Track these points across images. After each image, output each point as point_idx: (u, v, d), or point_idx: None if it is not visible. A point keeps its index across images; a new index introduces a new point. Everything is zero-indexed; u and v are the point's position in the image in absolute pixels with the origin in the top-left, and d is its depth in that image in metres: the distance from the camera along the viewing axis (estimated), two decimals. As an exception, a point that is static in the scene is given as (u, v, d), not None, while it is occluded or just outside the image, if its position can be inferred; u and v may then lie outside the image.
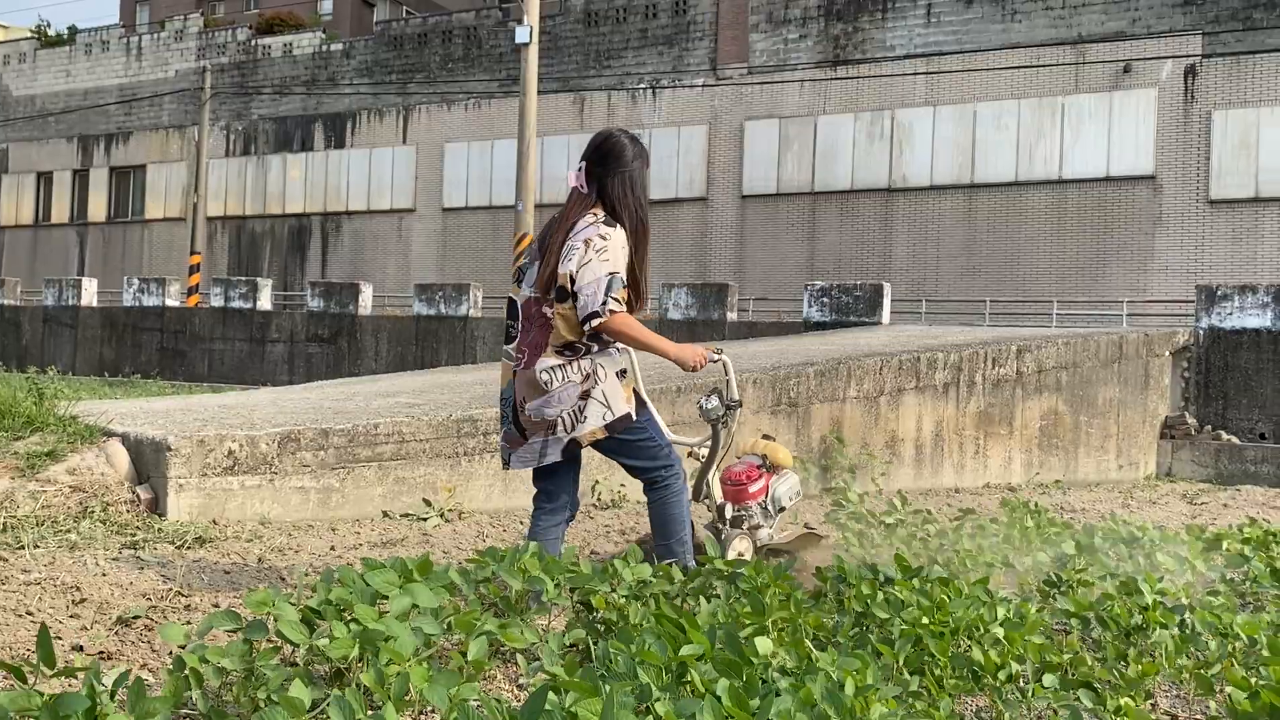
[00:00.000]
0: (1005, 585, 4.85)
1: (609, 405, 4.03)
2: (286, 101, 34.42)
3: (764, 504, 4.92)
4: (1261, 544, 6.37)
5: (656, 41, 28.59)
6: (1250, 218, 21.94)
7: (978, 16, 24.65)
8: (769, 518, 4.96)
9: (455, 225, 31.20)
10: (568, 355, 4.02)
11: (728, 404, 4.62)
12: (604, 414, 4.03)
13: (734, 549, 4.74)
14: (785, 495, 5.04)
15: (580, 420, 4.01)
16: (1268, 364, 14.15)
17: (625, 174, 4.10)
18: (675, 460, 4.25)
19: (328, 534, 5.81)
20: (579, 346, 4.02)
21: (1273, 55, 21.79)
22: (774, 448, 5.13)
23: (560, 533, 4.25)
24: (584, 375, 4.01)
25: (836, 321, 17.01)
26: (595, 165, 4.10)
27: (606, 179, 4.08)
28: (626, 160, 4.10)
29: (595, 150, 4.14)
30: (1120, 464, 12.63)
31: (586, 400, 4.02)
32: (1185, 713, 3.41)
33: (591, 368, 4.03)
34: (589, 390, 4.02)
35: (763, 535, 4.93)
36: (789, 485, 5.07)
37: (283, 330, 22.70)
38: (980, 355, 10.72)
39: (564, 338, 4.02)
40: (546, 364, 4.01)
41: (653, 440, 4.18)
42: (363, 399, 7.77)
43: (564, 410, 4.01)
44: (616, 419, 4.05)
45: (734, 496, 4.87)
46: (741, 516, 4.86)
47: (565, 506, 4.23)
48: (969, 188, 24.53)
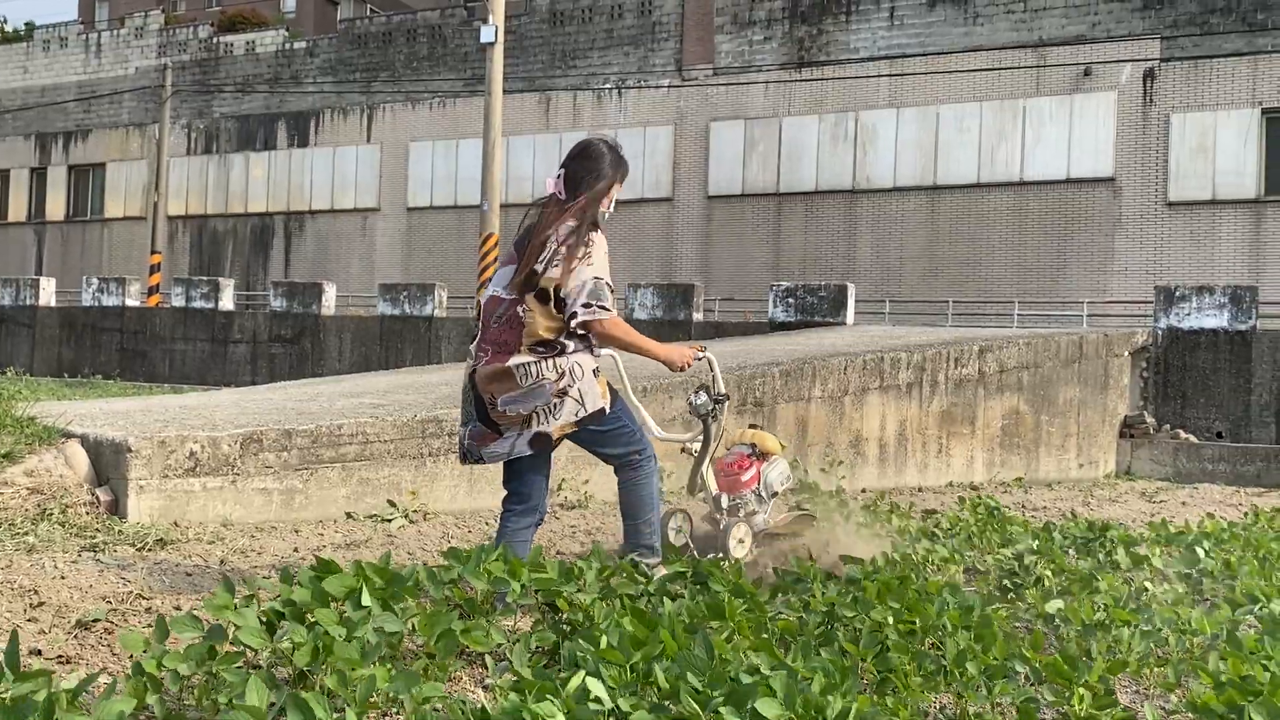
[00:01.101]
0: (968, 583, 4.89)
1: (583, 403, 4.09)
2: (249, 100, 34.12)
3: (758, 491, 5.10)
4: (1218, 541, 6.46)
5: (622, 42, 28.59)
6: (1208, 220, 22.25)
7: (940, 19, 24.84)
8: (763, 503, 5.14)
9: (420, 225, 31.05)
10: (541, 352, 4.06)
11: (715, 399, 4.81)
12: (577, 410, 4.09)
13: (734, 536, 4.89)
14: (777, 480, 5.21)
15: (554, 415, 4.07)
16: (1224, 364, 14.35)
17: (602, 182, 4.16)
18: (647, 443, 4.33)
19: (291, 536, 5.75)
20: (556, 345, 4.06)
21: (1229, 60, 22.12)
22: (762, 436, 5.29)
23: (530, 535, 4.27)
24: (559, 374, 4.05)
25: (802, 322, 17.08)
26: (575, 171, 4.15)
27: (584, 184, 4.14)
28: (604, 169, 4.17)
29: (574, 158, 4.20)
30: (1080, 463, 12.77)
31: (563, 398, 4.07)
32: (1146, 708, 3.45)
33: (569, 365, 4.07)
34: (565, 389, 4.07)
35: (759, 521, 5.10)
36: (779, 471, 5.24)
37: (245, 330, 22.50)
38: (943, 355, 10.80)
39: (539, 336, 4.05)
40: (520, 360, 4.05)
41: (625, 426, 4.25)
42: (326, 399, 7.71)
43: (539, 405, 4.06)
44: (589, 414, 4.11)
45: (728, 486, 5.03)
46: (738, 505, 5.03)
47: (535, 509, 4.27)
48: (932, 189, 24.72)
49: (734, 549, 4.87)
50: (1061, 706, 3.14)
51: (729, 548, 4.86)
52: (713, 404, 4.80)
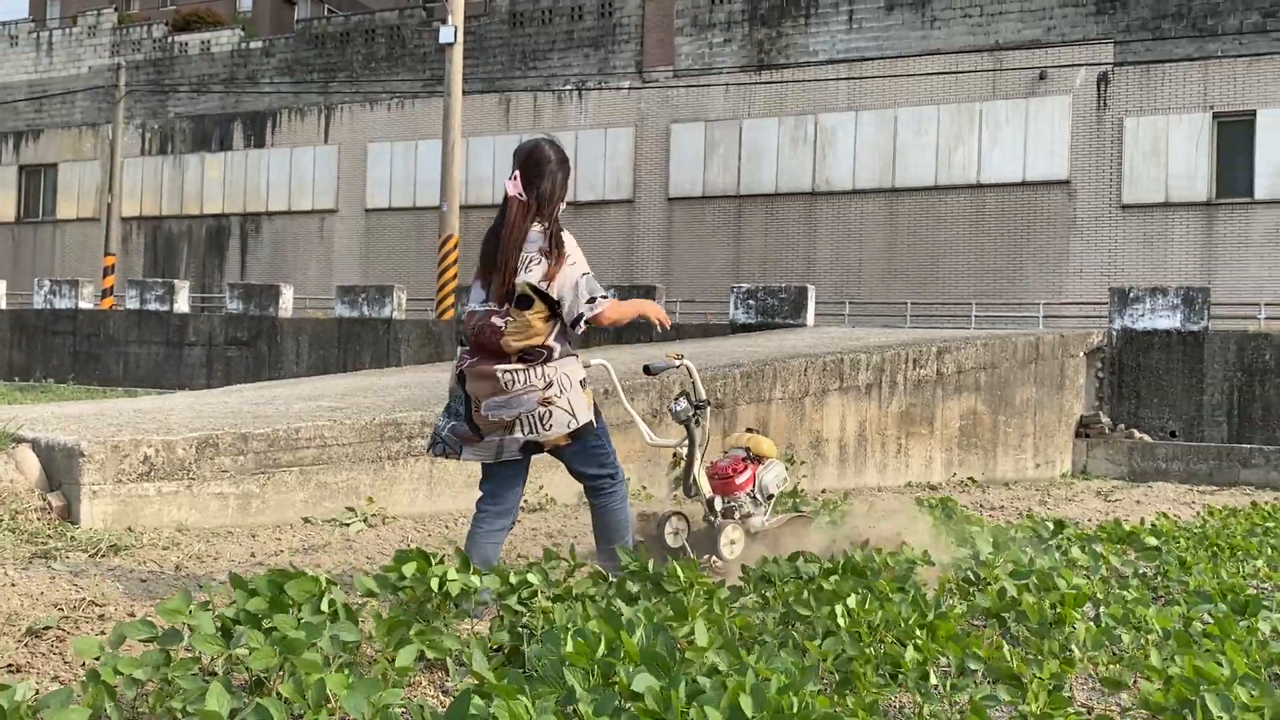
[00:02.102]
0: (926, 582, 4.93)
1: (574, 414, 4.16)
2: (204, 100, 33.75)
3: (752, 493, 5.23)
4: (1172, 538, 6.56)
5: (582, 43, 28.57)
6: (1161, 222, 22.59)
7: (898, 23, 25.04)
8: (759, 506, 5.26)
9: (379, 226, 30.85)
10: (528, 360, 4.11)
11: (696, 404, 4.94)
12: (569, 421, 4.15)
13: (726, 538, 4.99)
14: (772, 483, 5.33)
15: (545, 427, 4.12)
16: (1177, 364, 14.57)
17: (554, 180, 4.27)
18: (619, 467, 4.40)
19: (248, 540, 5.69)
20: (542, 350, 4.12)
21: (1180, 64, 22.47)
22: (757, 440, 5.40)
23: (501, 538, 4.30)
24: (546, 383, 4.11)
25: (762, 323, 17.14)
26: (529, 173, 4.23)
27: (540, 186, 4.22)
28: (554, 169, 4.28)
29: (527, 159, 4.27)
30: (1037, 462, 12.92)
31: (550, 407, 4.11)
32: (1101, 705, 3.49)
33: (555, 375, 4.13)
34: (552, 398, 4.12)
35: (755, 523, 5.22)
36: (775, 474, 5.35)
37: (201, 333, 22.24)
38: (902, 356, 10.89)
39: (527, 343, 4.11)
40: (506, 367, 4.10)
41: (604, 449, 4.32)
42: (283, 403, 7.63)
43: (523, 413, 4.10)
44: (581, 426, 4.18)
45: (723, 489, 5.14)
46: (732, 507, 5.15)
47: (509, 512, 4.29)
48: (890, 191, 24.91)
49: (725, 550, 4.96)
50: (1017, 705, 3.17)
51: (720, 550, 4.95)
52: (693, 410, 4.93)
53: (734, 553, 4.98)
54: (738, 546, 5.01)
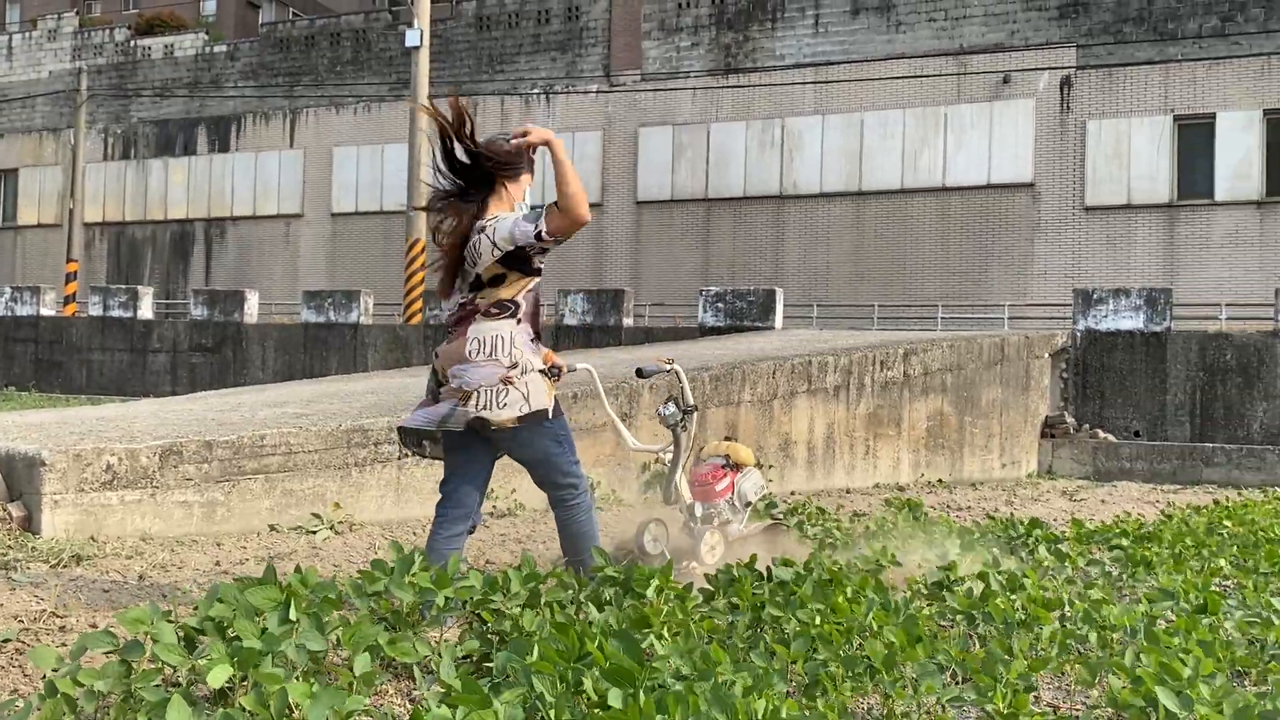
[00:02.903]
0: (895, 583, 4.95)
1: (528, 399, 4.09)
2: (168, 104, 33.43)
3: (731, 501, 5.27)
4: (1136, 537, 6.62)
5: (550, 47, 28.54)
6: (1123, 224, 22.83)
7: (864, 27, 25.18)
8: (737, 513, 5.31)
9: (345, 230, 30.67)
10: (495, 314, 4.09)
11: (685, 409, 4.97)
12: (521, 405, 4.07)
13: (706, 544, 5.03)
14: (750, 491, 5.39)
15: (499, 405, 4.05)
16: (1140, 364, 14.73)
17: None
18: (583, 479, 4.33)
19: (213, 549, 5.64)
20: (508, 304, 4.10)
21: (1142, 67, 22.73)
22: (736, 448, 5.46)
23: (460, 543, 4.23)
24: (511, 363, 4.07)
25: (731, 326, 17.18)
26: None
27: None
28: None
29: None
30: (1003, 462, 13.01)
31: (508, 386, 4.06)
32: (1068, 703, 3.51)
33: (520, 357, 4.08)
34: (513, 378, 4.07)
35: (733, 530, 5.26)
36: (753, 481, 5.42)
37: (165, 340, 22.01)
38: (869, 358, 10.94)
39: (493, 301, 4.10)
40: (474, 333, 4.07)
41: (566, 456, 4.24)
42: (249, 409, 7.57)
43: (482, 384, 4.05)
44: (533, 411, 4.10)
45: (702, 496, 5.20)
46: (712, 514, 5.20)
47: (468, 516, 4.23)
48: (857, 195, 25.03)
49: (705, 556, 4.99)
50: (985, 705, 3.19)
51: (701, 555, 4.98)
52: (681, 414, 4.95)
53: (715, 558, 4.99)
54: (718, 553, 5.05)
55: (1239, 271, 21.76)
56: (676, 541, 5.11)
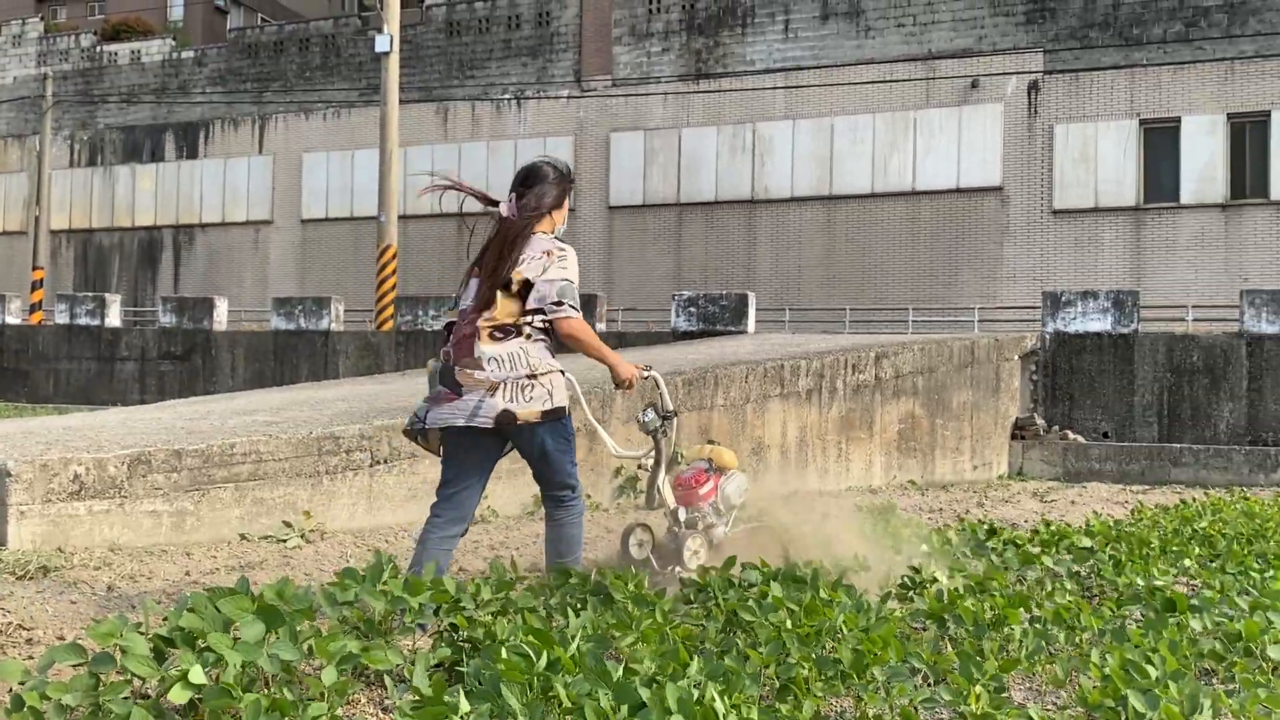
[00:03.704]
0: (867, 585, 4.97)
1: (551, 395, 4.19)
2: (135, 110, 33.15)
3: (715, 504, 5.28)
4: (1106, 538, 6.68)
5: (520, 52, 28.51)
6: (1090, 227, 23.05)
7: (833, 32, 25.31)
8: (721, 516, 5.31)
9: (315, 237, 30.50)
10: (499, 338, 4.17)
11: (664, 415, 4.98)
12: (545, 400, 4.18)
13: (689, 548, 5.05)
14: (734, 494, 5.39)
15: (526, 398, 4.14)
16: (1109, 366, 14.87)
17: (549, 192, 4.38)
18: (580, 484, 4.43)
19: (182, 559, 5.59)
20: (510, 328, 4.18)
21: (1108, 72, 22.97)
22: (719, 451, 5.47)
23: (453, 545, 4.29)
24: (530, 371, 4.16)
25: (704, 331, 17.21)
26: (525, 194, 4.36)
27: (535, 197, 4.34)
28: (550, 183, 4.39)
29: (523, 181, 4.40)
30: (975, 464, 13.10)
31: (534, 381, 4.15)
32: (1039, 704, 3.54)
33: (538, 364, 4.18)
34: (538, 376, 4.17)
35: (718, 533, 5.28)
36: (736, 484, 5.42)
37: (133, 348, 21.81)
38: (841, 361, 10.99)
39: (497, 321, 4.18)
40: (485, 353, 4.15)
41: (571, 458, 4.34)
42: (218, 418, 7.51)
43: (509, 376, 4.14)
44: (555, 407, 4.20)
45: (686, 500, 5.20)
46: (696, 518, 5.20)
47: (464, 519, 4.28)
48: (828, 199, 25.14)
49: (689, 560, 5.01)
50: (957, 706, 3.21)
51: (684, 560, 5.00)
52: (661, 420, 4.97)
53: (697, 563, 5.01)
54: (701, 557, 5.07)
55: (1205, 274, 22.02)
56: (661, 546, 5.14)
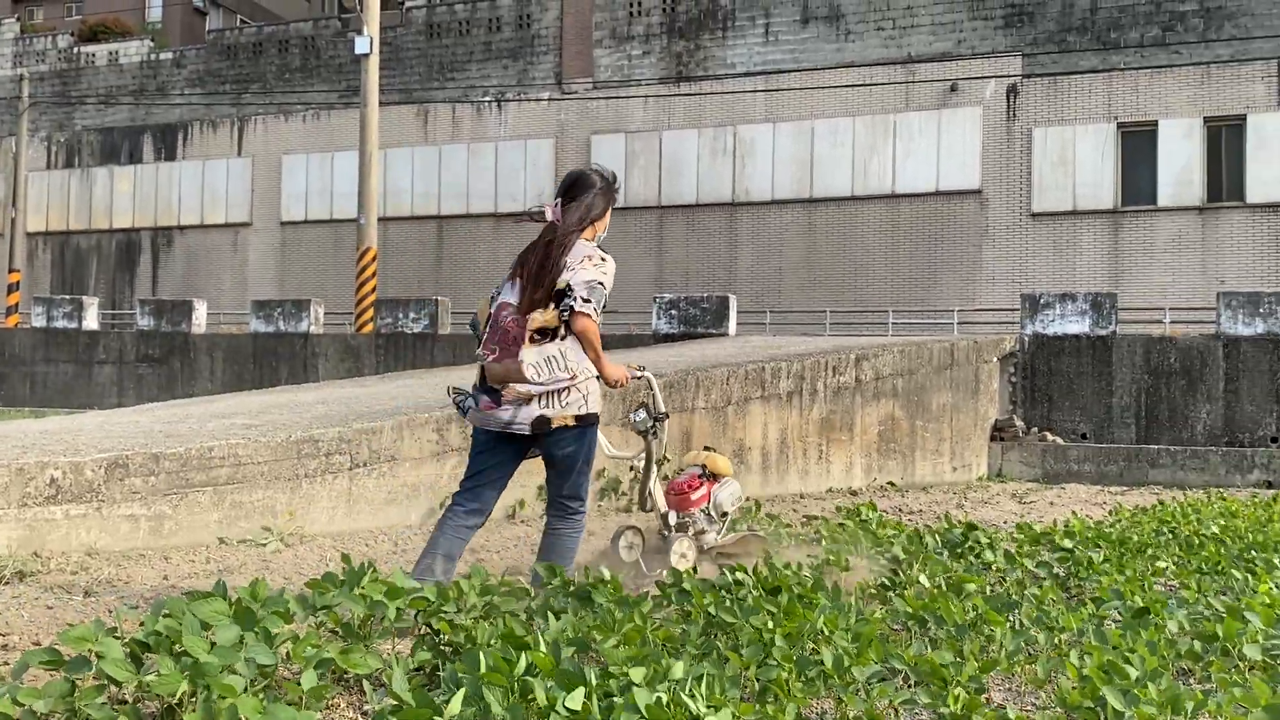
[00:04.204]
0: (847, 587, 4.98)
1: (586, 400, 4.31)
2: (113, 112, 32.93)
3: (707, 510, 5.32)
4: (1084, 539, 6.71)
5: (501, 54, 28.47)
6: (1069, 230, 23.18)
7: (813, 36, 25.39)
8: (713, 523, 5.35)
9: (294, 239, 30.37)
10: (539, 340, 4.26)
11: (655, 416, 5.02)
12: (580, 405, 4.30)
13: (676, 551, 5.08)
14: (727, 501, 5.43)
15: (562, 404, 4.27)
16: (1087, 368, 14.95)
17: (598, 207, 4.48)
18: (587, 499, 4.50)
19: (160, 563, 5.55)
20: (549, 331, 4.27)
21: (1086, 76, 23.12)
22: (714, 458, 5.49)
23: (469, 536, 4.41)
24: (570, 375, 4.28)
25: (685, 333, 17.21)
26: (572, 195, 4.48)
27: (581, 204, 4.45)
28: (598, 195, 4.49)
29: (570, 187, 4.52)
30: (954, 466, 13.15)
31: (571, 385, 4.28)
32: (1019, 704, 3.55)
33: (578, 368, 4.30)
34: (577, 381, 4.27)
35: (709, 539, 5.32)
36: (730, 492, 5.45)
37: (111, 350, 21.66)
38: (822, 364, 11.01)
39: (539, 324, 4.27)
40: (531, 358, 4.25)
41: (589, 469, 4.42)
42: (196, 421, 7.47)
43: (548, 384, 4.26)
44: (590, 412, 4.33)
45: (678, 505, 5.24)
46: (686, 523, 5.25)
47: (483, 512, 4.41)
48: (808, 202, 25.21)
49: (676, 563, 5.02)
50: (937, 707, 3.21)
51: (671, 563, 5.01)
52: (652, 421, 5.00)
53: (684, 566, 5.02)
54: (689, 560, 5.08)
55: (1181, 276, 22.18)
56: (651, 549, 5.16)
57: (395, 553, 6.19)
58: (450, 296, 22.46)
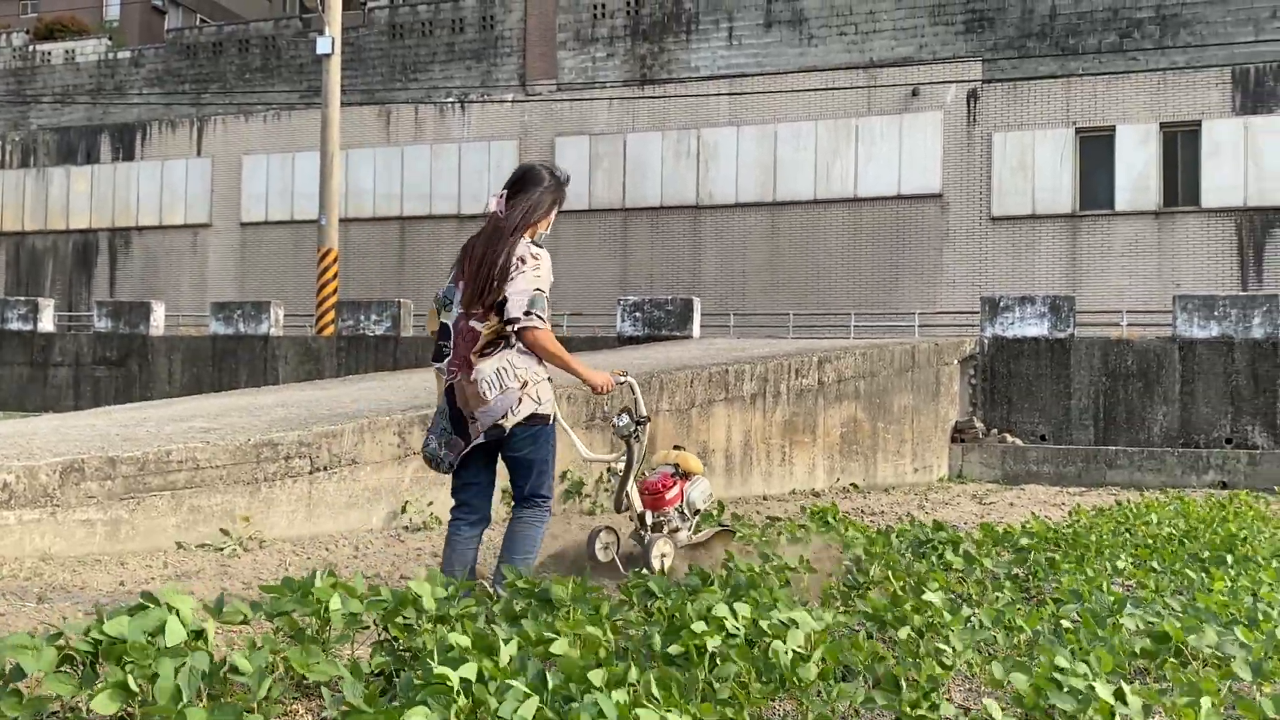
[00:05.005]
0: (809, 589, 5.00)
1: (539, 402, 4.40)
2: (70, 111, 32.49)
3: (680, 509, 5.42)
4: (1044, 540, 6.78)
5: (464, 56, 28.37)
6: (1028, 233, 23.42)
7: (776, 40, 25.50)
8: (686, 520, 5.46)
9: (255, 240, 30.09)
10: (488, 353, 4.32)
11: (638, 420, 5.12)
12: (535, 407, 4.38)
13: (657, 551, 5.17)
14: (699, 499, 5.55)
15: (515, 413, 4.35)
16: (1046, 370, 15.11)
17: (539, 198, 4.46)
18: (552, 496, 4.59)
19: (117, 569, 5.48)
20: (497, 340, 4.33)
21: (1045, 81, 23.37)
22: (685, 457, 5.61)
23: (477, 544, 4.51)
24: (521, 383, 4.35)
25: (649, 335, 17.22)
26: (516, 189, 4.48)
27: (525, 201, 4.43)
28: (542, 188, 4.47)
29: (516, 181, 4.51)
30: (915, 467, 13.24)
31: (522, 393, 4.36)
32: (978, 704, 3.57)
33: (527, 375, 4.36)
34: (528, 390, 4.37)
35: (682, 536, 5.42)
36: (701, 489, 5.57)
37: (67, 353, 21.36)
38: (785, 366, 11.05)
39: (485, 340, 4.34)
40: (481, 374, 4.32)
41: (550, 466, 4.50)
42: (154, 424, 7.38)
43: (502, 396, 4.34)
44: (541, 413, 4.40)
45: (653, 504, 5.33)
46: (662, 522, 5.34)
47: (485, 519, 4.52)
48: (772, 205, 25.31)
49: (656, 563, 5.12)
50: (895, 708, 3.23)
51: (650, 563, 5.10)
52: (635, 425, 5.10)
53: (664, 566, 5.13)
54: (668, 560, 5.18)
55: (1138, 280, 22.47)
56: (626, 549, 5.26)
57: (356, 557, 6.15)
58: (413, 298, 22.34)
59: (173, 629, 2.82)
